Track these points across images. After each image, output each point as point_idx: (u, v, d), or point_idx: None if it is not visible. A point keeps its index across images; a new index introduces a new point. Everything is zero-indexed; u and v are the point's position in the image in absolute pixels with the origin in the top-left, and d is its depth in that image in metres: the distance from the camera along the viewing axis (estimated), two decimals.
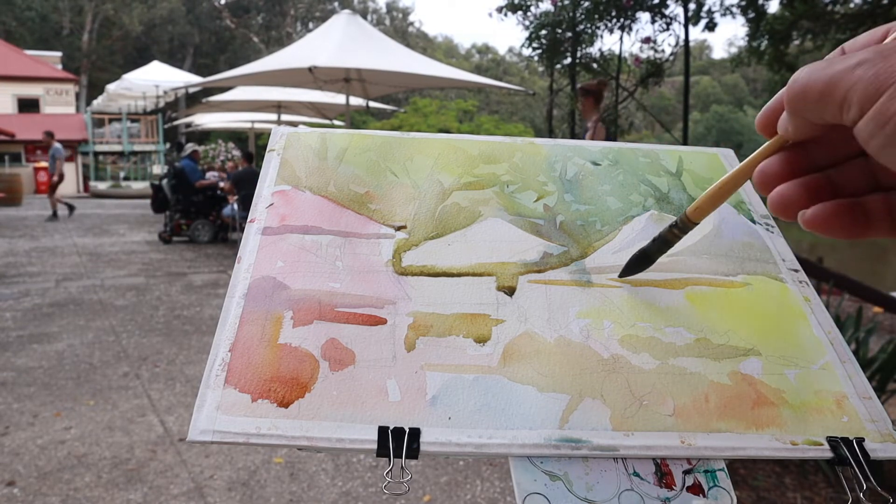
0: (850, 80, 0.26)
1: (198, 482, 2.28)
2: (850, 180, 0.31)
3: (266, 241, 0.49)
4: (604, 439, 0.38)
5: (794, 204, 0.31)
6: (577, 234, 0.53)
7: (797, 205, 0.31)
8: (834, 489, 2.20)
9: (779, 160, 0.33)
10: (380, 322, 0.44)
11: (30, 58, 21.36)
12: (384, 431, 0.37)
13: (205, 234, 8.24)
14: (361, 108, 10.90)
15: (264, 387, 0.39)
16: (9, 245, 7.69)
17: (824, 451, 0.39)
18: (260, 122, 13.75)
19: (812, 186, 0.31)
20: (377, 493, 2.22)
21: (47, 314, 4.48)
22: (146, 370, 3.41)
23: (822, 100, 0.27)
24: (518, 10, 4.60)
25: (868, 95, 0.25)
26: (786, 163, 0.33)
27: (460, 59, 40.65)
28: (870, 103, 0.25)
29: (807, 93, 0.28)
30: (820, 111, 0.28)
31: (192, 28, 31.25)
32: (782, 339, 0.46)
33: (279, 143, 0.59)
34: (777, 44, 4.77)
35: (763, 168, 0.33)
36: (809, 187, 0.31)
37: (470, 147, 0.60)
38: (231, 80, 9.04)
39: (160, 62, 18.69)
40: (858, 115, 0.26)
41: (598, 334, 0.45)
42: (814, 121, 0.29)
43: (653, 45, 4.35)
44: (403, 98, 21.23)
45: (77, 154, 19.27)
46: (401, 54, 8.16)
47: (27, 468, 2.34)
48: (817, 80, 0.27)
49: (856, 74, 0.25)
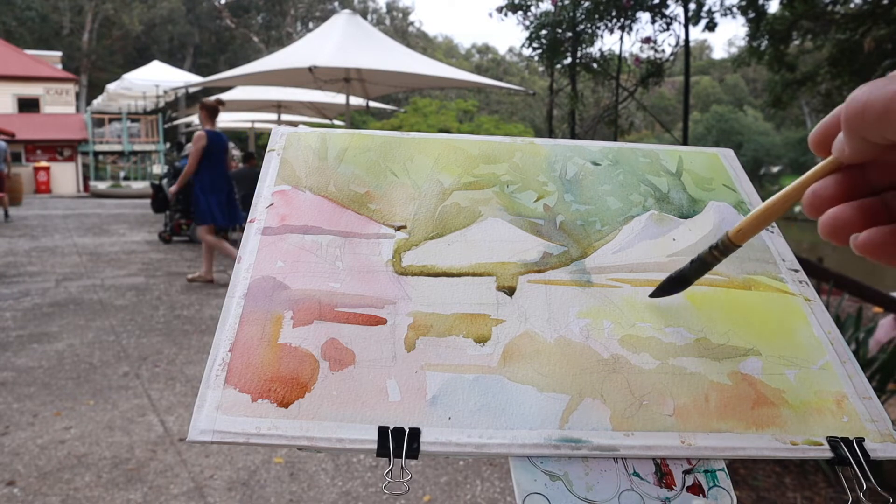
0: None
1: (198, 482, 2.28)
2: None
3: (266, 241, 0.49)
4: (604, 439, 0.38)
5: (847, 228, 0.30)
6: (577, 234, 0.53)
7: (850, 229, 0.30)
8: (834, 489, 2.20)
9: (832, 182, 0.31)
10: (380, 322, 0.44)
11: (30, 58, 21.36)
12: (384, 431, 0.37)
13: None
14: (361, 108, 10.90)
15: (264, 387, 0.39)
16: (9, 245, 7.69)
17: (824, 451, 0.39)
18: (260, 122, 13.75)
19: (866, 210, 0.30)
20: (377, 493, 2.22)
21: (47, 314, 4.48)
22: (146, 370, 3.41)
23: (883, 118, 0.26)
24: (518, 10, 4.60)
25: None
26: (840, 185, 0.31)
27: (460, 59, 40.65)
28: None
29: (866, 111, 0.26)
30: (881, 130, 0.26)
31: (192, 28, 31.26)
32: (782, 339, 0.46)
33: (279, 143, 0.59)
34: (777, 44, 4.77)
35: (815, 190, 0.31)
36: (863, 211, 0.30)
37: (470, 147, 0.60)
38: (231, 80, 9.04)
39: (160, 62, 18.69)
40: None
41: (598, 334, 0.45)
42: (873, 140, 0.27)
43: (653, 45, 4.35)
44: (403, 98, 21.23)
45: (77, 154, 19.28)
46: (401, 54, 8.16)
47: (27, 468, 2.34)
48: (878, 97, 0.26)
49: None
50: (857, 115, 0.27)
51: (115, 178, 19.46)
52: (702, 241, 0.53)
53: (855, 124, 0.27)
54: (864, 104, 0.26)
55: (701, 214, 0.56)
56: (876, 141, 0.27)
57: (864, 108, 0.26)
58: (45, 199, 15.83)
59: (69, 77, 21.90)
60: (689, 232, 0.54)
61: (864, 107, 0.26)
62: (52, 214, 11.64)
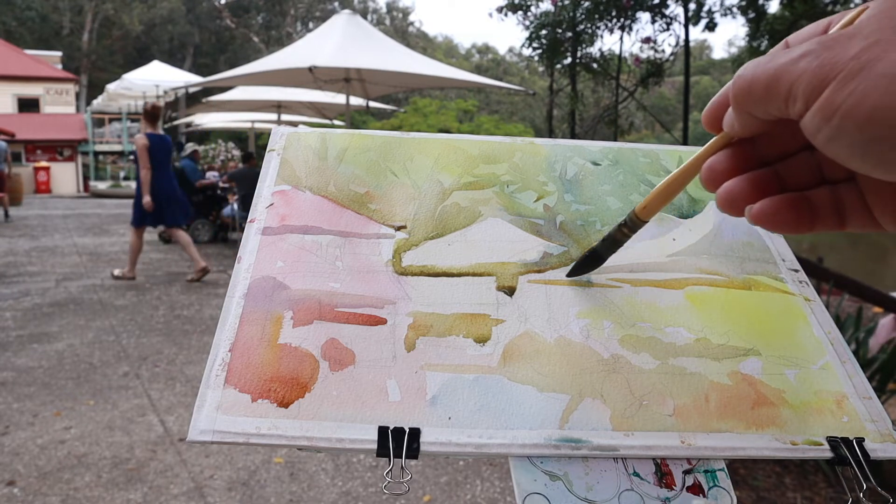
0: (794, 72, 0.25)
1: (198, 482, 2.28)
2: (796, 174, 0.31)
3: (266, 241, 0.49)
4: (604, 439, 0.38)
5: (742, 199, 0.31)
6: (577, 234, 0.53)
7: (744, 200, 0.31)
8: (834, 489, 2.20)
9: (725, 156, 0.32)
10: (380, 322, 0.44)
11: (30, 58, 21.36)
12: (384, 431, 0.37)
13: (205, 233, 8.24)
14: (361, 108, 10.90)
15: (264, 387, 0.39)
16: (9, 245, 7.69)
17: (824, 451, 0.39)
18: (260, 121, 13.74)
19: (759, 181, 0.31)
20: (377, 493, 2.22)
21: (47, 314, 4.48)
22: (146, 370, 3.41)
23: (767, 94, 0.26)
24: (518, 10, 4.60)
25: (813, 88, 0.24)
26: (732, 159, 0.32)
27: (460, 59, 40.64)
28: (815, 96, 0.24)
29: (752, 88, 0.27)
30: (765, 106, 0.27)
31: (192, 28, 31.25)
32: (782, 339, 0.46)
33: (279, 143, 0.59)
34: (777, 44, 4.77)
35: (710, 164, 0.33)
36: (756, 182, 0.31)
37: (470, 147, 0.60)
38: (231, 79, 9.04)
39: (160, 62, 18.67)
40: (804, 109, 0.25)
41: (598, 334, 0.45)
42: (760, 116, 0.28)
43: (653, 45, 4.35)
44: (403, 98, 21.23)
45: (77, 154, 19.27)
46: (401, 54, 8.16)
47: (27, 468, 2.34)
48: (762, 74, 0.27)
49: (800, 67, 0.25)
50: (742, 92, 0.28)
51: (115, 178, 19.47)
52: (701, 241, 0.53)
53: (742, 100, 0.28)
54: (750, 81, 0.27)
55: (701, 214, 0.56)
56: (761, 116, 0.28)
57: (749, 84, 0.27)
58: (45, 199, 15.83)
59: (69, 77, 21.90)
60: (689, 232, 0.54)
61: (749, 84, 0.27)
62: (52, 214, 11.64)
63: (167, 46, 30.82)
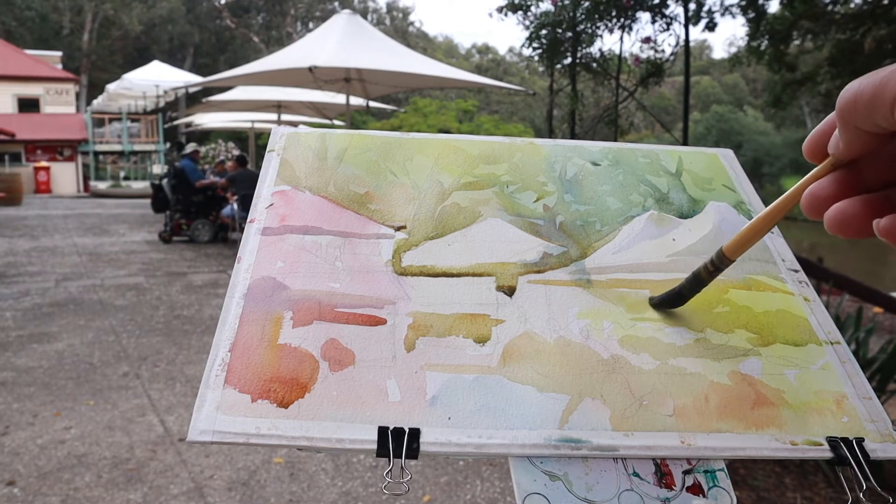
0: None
1: (198, 482, 2.28)
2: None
3: (266, 242, 0.49)
4: (604, 439, 0.38)
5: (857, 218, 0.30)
6: (577, 235, 0.53)
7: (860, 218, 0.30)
8: (834, 489, 2.20)
9: (830, 182, 0.32)
10: (380, 322, 0.44)
11: (30, 58, 21.35)
12: (384, 431, 0.37)
13: (205, 233, 8.24)
14: (361, 108, 10.89)
15: (264, 387, 0.39)
16: (9, 245, 7.69)
17: (824, 452, 0.39)
18: (260, 121, 13.74)
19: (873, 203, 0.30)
20: (377, 493, 2.22)
21: (47, 314, 4.48)
22: (146, 370, 3.41)
23: (873, 103, 0.27)
24: (518, 10, 4.60)
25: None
26: (837, 184, 0.32)
27: (460, 59, 40.62)
28: None
29: (858, 99, 0.28)
30: (872, 115, 0.27)
31: (192, 28, 31.24)
32: (782, 339, 0.46)
33: (279, 143, 0.59)
34: (777, 44, 4.77)
35: (813, 191, 0.32)
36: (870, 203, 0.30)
37: (470, 147, 0.60)
38: (231, 79, 9.03)
39: (160, 62, 18.67)
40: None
41: (597, 334, 0.45)
42: (866, 128, 0.28)
43: (653, 45, 4.35)
44: (403, 98, 21.22)
45: (77, 154, 19.27)
46: (401, 54, 8.15)
47: (27, 468, 2.34)
48: (867, 85, 0.27)
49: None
50: (849, 105, 0.28)
51: (115, 178, 19.47)
52: (701, 241, 0.53)
53: (848, 114, 0.29)
54: (856, 93, 0.28)
55: (701, 214, 0.56)
56: (868, 129, 0.28)
57: (855, 96, 0.28)
58: (45, 199, 15.83)
59: (69, 77, 21.89)
60: (689, 232, 0.54)
61: (856, 96, 0.28)
62: (52, 214, 11.64)
63: (167, 46, 30.81)
